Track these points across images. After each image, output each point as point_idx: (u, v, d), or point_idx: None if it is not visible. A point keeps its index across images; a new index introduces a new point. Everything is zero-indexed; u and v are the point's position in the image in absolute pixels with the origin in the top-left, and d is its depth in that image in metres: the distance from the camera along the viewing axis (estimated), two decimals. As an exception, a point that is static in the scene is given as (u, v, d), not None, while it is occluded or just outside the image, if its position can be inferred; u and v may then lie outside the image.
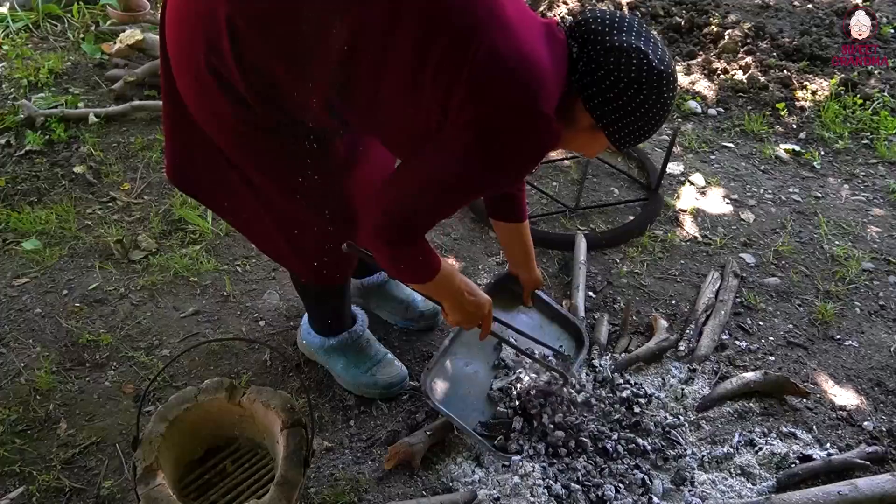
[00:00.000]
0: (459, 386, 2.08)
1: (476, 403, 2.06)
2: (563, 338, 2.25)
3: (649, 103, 1.44)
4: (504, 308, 2.19)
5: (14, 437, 2.01)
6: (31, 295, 2.45)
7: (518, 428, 1.97)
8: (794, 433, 2.14)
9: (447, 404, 1.98)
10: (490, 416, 2.03)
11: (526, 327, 2.15)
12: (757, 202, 3.13)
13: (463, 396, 2.06)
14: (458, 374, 2.10)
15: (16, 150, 3.08)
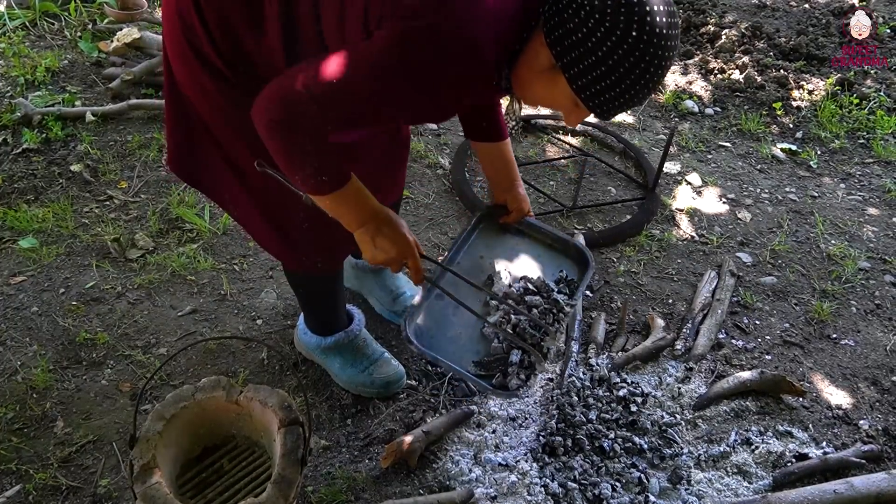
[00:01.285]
0: (448, 328, 1.84)
1: (469, 344, 1.83)
2: (564, 263, 1.99)
3: (621, 48, 1.22)
4: (495, 240, 2.00)
5: (10, 435, 2.00)
6: (28, 293, 2.44)
7: (516, 361, 1.76)
8: (791, 432, 2.15)
9: (435, 349, 1.77)
10: (484, 355, 1.80)
11: (524, 258, 1.97)
12: (754, 201, 3.14)
13: (453, 338, 1.83)
14: (446, 316, 1.86)
15: (12, 149, 3.08)
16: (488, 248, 1.98)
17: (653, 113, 3.76)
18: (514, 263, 1.96)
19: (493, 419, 2.14)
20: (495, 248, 1.98)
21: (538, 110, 3.67)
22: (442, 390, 2.20)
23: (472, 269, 1.92)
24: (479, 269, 1.93)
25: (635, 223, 2.90)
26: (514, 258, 1.97)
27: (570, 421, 2.07)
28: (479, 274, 1.91)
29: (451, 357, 1.76)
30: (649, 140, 3.51)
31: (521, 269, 1.95)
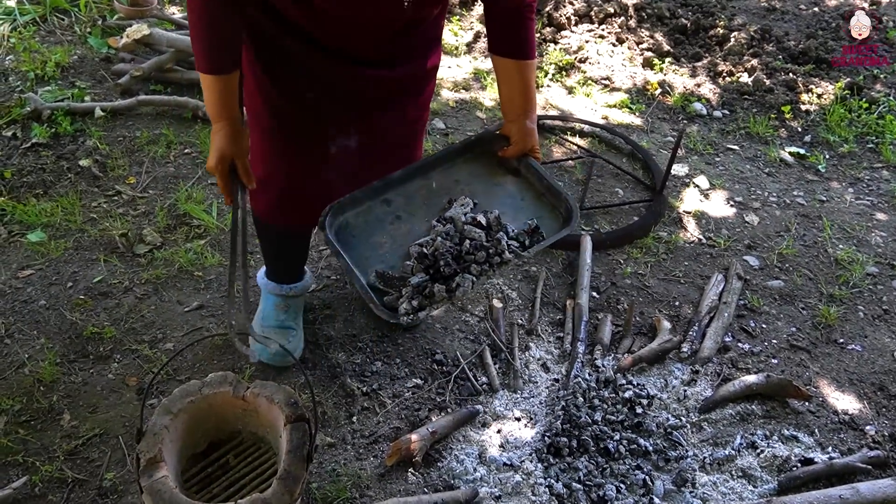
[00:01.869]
0: (376, 233, 1.69)
1: (386, 256, 1.66)
2: (544, 216, 1.74)
3: None
4: (482, 169, 1.80)
5: (17, 427, 2.01)
6: (36, 287, 2.45)
7: (413, 284, 1.56)
8: (796, 436, 2.14)
9: (350, 247, 1.65)
10: (389, 268, 1.63)
11: (503, 197, 1.76)
12: (761, 205, 3.13)
13: (375, 244, 1.67)
14: (381, 221, 1.71)
15: (22, 143, 3.09)
16: (470, 176, 1.79)
17: (661, 115, 3.75)
18: (489, 199, 1.74)
19: (499, 419, 2.14)
20: (478, 178, 1.79)
21: (546, 110, 3.67)
22: (448, 389, 2.20)
23: (439, 188, 1.75)
24: (446, 190, 1.74)
25: (642, 225, 2.90)
26: (492, 195, 1.76)
27: (575, 422, 2.07)
28: (442, 195, 1.74)
29: (360, 260, 1.63)
30: (657, 142, 3.51)
31: (493, 207, 1.72)
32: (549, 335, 2.44)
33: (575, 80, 3.95)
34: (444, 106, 3.63)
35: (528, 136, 1.76)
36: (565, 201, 1.73)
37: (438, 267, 1.56)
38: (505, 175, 1.79)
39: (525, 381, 2.26)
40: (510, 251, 1.59)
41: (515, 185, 1.79)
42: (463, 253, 1.58)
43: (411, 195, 1.73)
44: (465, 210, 1.68)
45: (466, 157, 1.80)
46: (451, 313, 2.47)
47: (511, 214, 1.71)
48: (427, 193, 1.73)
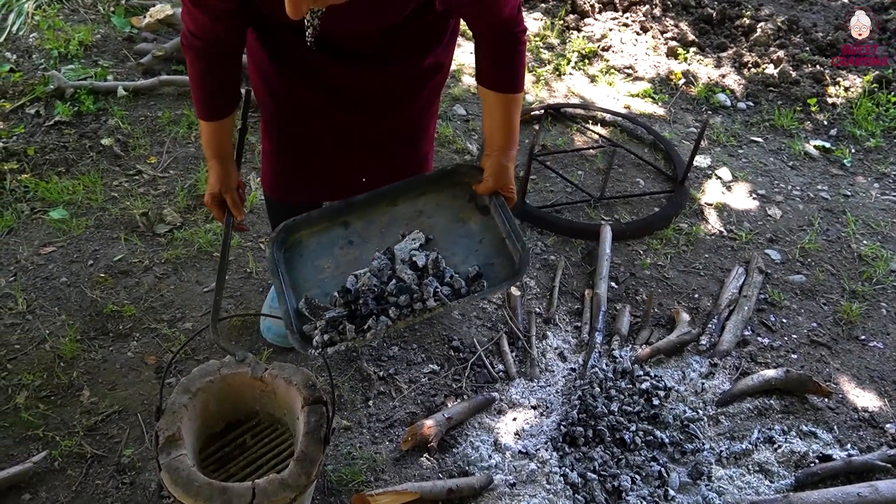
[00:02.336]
0: (323, 257, 1.64)
1: (325, 282, 1.61)
2: (498, 262, 1.62)
3: None
4: (449, 202, 1.71)
5: (38, 402, 2.03)
6: (58, 264, 2.47)
7: (328, 318, 1.49)
8: (815, 432, 2.12)
9: (293, 267, 1.62)
10: (318, 297, 1.57)
11: (460, 236, 1.66)
12: (784, 198, 3.09)
13: (318, 268, 1.63)
14: (332, 245, 1.66)
15: (45, 121, 3.11)
16: (437, 208, 1.70)
17: (684, 105, 3.71)
18: (445, 236, 1.65)
19: (515, 407, 2.13)
20: (443, 212, 1.70)
21: (568, 98, 3.64)
22: (464, 376, 2.20)
23: (401, 218, 1.69)
24: (406, 221, 1.67)
25: (663, 216, 2.88)
26: (450, 232, 1.66)
27: (591, 412, 2.07)
28: (401, 225, 1.68)
29: (299, 282, 1.60)
30: (679, 133, 3.47)
31: (448, 245, 1.64)
32: (566, 324, 2.43)
33: (597, 69, 3.91)
34: (466, 92, 3.61)
35: (502, 173, 1.66)
36: (520, 251, 1.59)
37: (358, 305, 1.50)
38: (472, 211, 1.70)
39: (542, 370, 2.25)
40: (436, 299, 1.49)
41: (479, 224, 1.68)
42: (385, 294, 1.51)
43: (371, 220, 1.68)
44: (412, 246, 1.61)
45: (439, 186, 1.72)
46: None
47: (462, 255, 1.62)
48: (388, 220, 1.68)
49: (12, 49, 3.56)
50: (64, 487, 1.84)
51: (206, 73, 1.63)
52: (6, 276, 2.41)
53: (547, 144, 3.27)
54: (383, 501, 1.82)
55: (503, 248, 1.63)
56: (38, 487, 1.84)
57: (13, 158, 2.88)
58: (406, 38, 1.65)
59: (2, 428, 1.96)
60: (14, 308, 2.30)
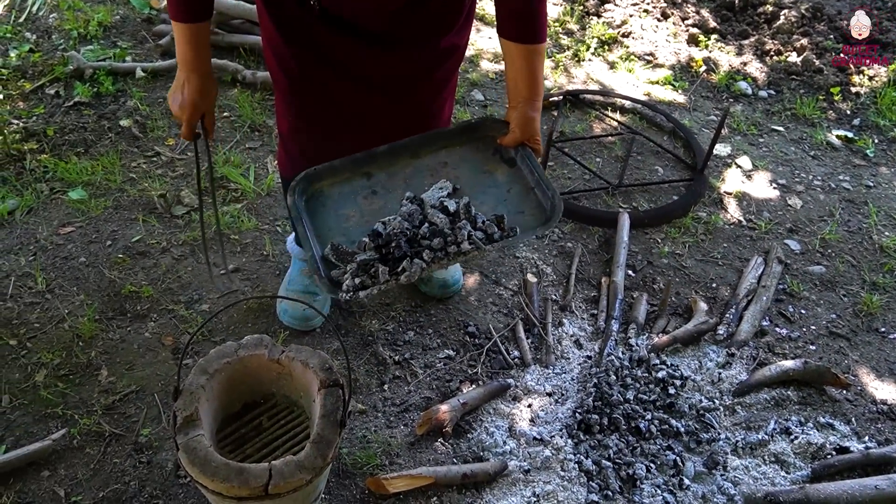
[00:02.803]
0: (347, 206, 1.63)
1: (350, 230, 1.59)
2: (528, 211, 1.62)
3: None
4: (474, 155, 1.70)
5: (57, 380, 2.05)
6: (77, 244, 2.48)
7: (359, 260, 1.48)
8: (832, 424, 2.11)
9: (317, 216, 1.60)
10: (346, 243, 1.55)
11: (488, 186, 1.66)
12: (805, 188, 3.06)
13: (342, 216, 1.61)
14: (356, 194, 1.65)
15: (64, 101, 3.12)
16: (461, 160, 1.69)
17: (704, 93, 3.67)
18: (473, 186, 1.65)
19: (530, 393, 2.13)
20: (468, 164, 1.69)
21: (587, 85, 3.61)
22: (479, 361, 2.20)
23: (424, 170, 1.67)
24: (431, 172, 1.66)
25: (682, 204, 2.85)
26: (477, 182, 1.65)
27: (607, 399, 2.06)
28: (425, 176, 1.66)
29: (323, 230, 1.57)
30: (699, 121, 3.44)
31: (475, 195, 1.63)
32: (582, 312, 2.42)
33: (617, 55, 3.87)
34: (484, 77, 3.59)
35: (528, 124, 1.64)
36: (552, 199, 1.59)
37: (390, 248, 1.48)
38: (498, 164, 1.69)
39: (557, 357, 2.25)
40: (470, 242, 1.48)
41: (506, 175, 1.67)
42: (418, 237, 1.50)
43: (394, 172, 1.66)
44: (440, 193, 1.61)
45: (462, 140, 1.70)
46: (484, 286, 2.46)
47: (491, 205, 1.62)
48: (411, 172, 1.66)
49: (32, 29, 3.57)
50: (82, 465, 1.86)
51: None
52: (26, 255, 2.42)
53: (565, 131, 3.24)
54: (398, 485, 1.82)
55: (532, 197, 1.62)
56: (57, 465, 1.86)
57: (33, 139, 2.90)
58: (420, 18, 1.64)
59: (21, 405, 1.99)
60: (34, 287, 2.32)
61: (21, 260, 2.40)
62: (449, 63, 1.82)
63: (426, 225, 1.51)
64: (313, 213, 1.60)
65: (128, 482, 1.84)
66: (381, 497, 1.84)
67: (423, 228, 1.50)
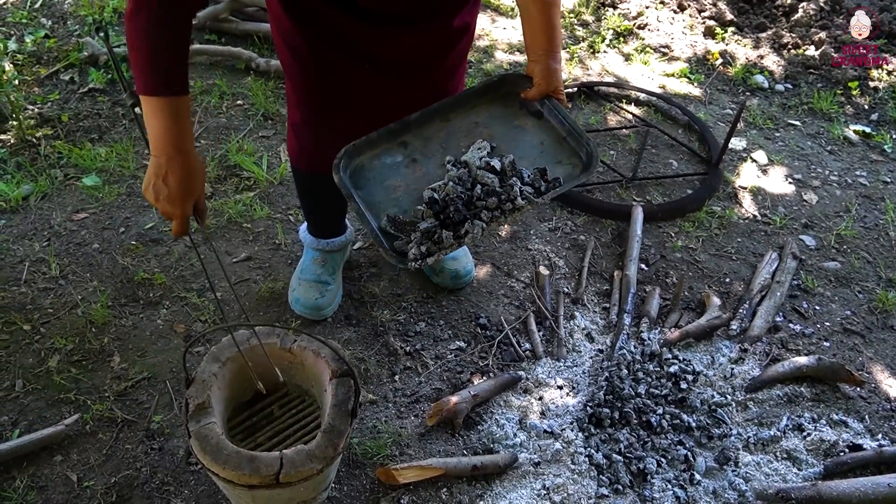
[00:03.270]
0: (391, 177, 1.63)
1: (400, 200, 1.59)
2: (565, 160, 1.64)
3: None
4: (503, 111, 1.71)
5: (70, 366, 2.06)
6: (90, 230, 2.49)
7: (423, 229, 1.48)
8: (845, 421, 2.09)
9: (364, 190, 1.59)
10: (401, 213, 1.56)
11: (522, 140, 1.67)
12: (821, 183, 3.03)
13: (389, 188, 1.61)
14: (397, 164, 1.65)
15: (79, 87, 3.12)
16: (491, 118, 1.71)
17: (720, 86, 3.64)
18: (508, 142, 1.67)
19: (541, 386, 2.12)
20: (498, 121, 1.70)
21: (602, 77, 3.58)
22: (490, 353, 2.19)
23: (458, 132, 1.68)
24: (465, 132, 1.67)
25: (696, 198, 2.83)
26: (511, 138, 1.68)
27: (618, 393, 2.05)
28: (460, 137, 1.67)
29: (373, 204, 1.57)
30: (715, 114, 3.41)
31: (512, 151, 1.65)
32: (594, 305, 2.41)
33: (633, 47, 3.84)
34: (498, 68, 3.57)
35: (552, 76, 1.62)
36: (586, 146, 1.61)
37: (448, 212, 1.49)
38: (527, 117, 1.70)
39: (569, 350, 2.24)
40: (523, 197, 1.51)
41: (536, 128, 1.68)
42: (474, 199, 1.52)
43: (429, 137, 1.66)
44: (481, 154, 1.62)
45: (488, 98, 1.71)
46: (496, 278, 2.45)
47: (529, 159, 1.64)
48: (445, 136, 1.67)
49: (48, 15, 3.58)
50: (95, 451, 1.87)
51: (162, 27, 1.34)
52: (40, 241, 2.43)
53: (580, 123, 3.22)
54: (408, 476, 1.82)
55: (567, 146, 1.65)
56: (70, 449, 1.87)
57: (48, 124, 2.91)
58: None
59: (35, 390, 2.00)
60: (47, 273, 2.33)
61: (35, 245, 2.42)
62: (461, 43, 1.82)
63: (478, 186, 1.54)
64: (360, 188, 1.60)
65: (139, 468, 1.85)
66: (390, 487, 1.84)
67: (477, 190, 1.53)
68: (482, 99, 1.72)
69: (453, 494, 1.84)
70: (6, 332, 2.14)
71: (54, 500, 1.77)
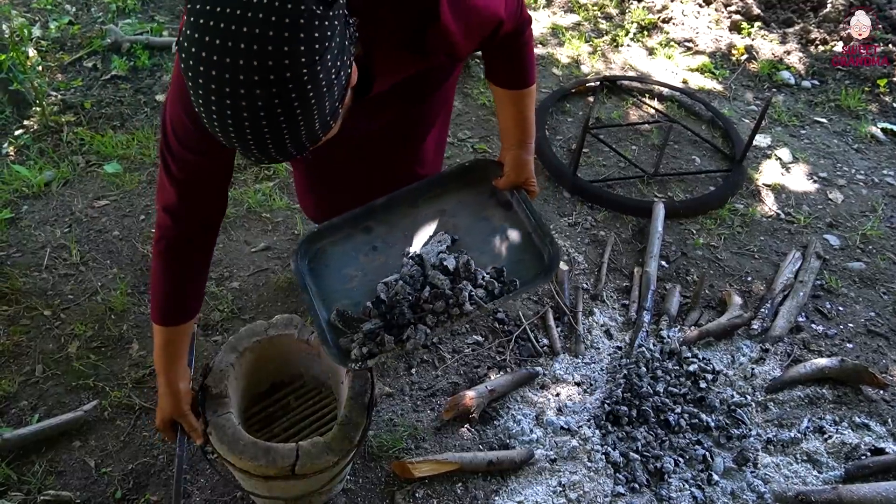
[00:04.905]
0: (349, 265, 1.56)
1: (354, 291, 1.53)
2: (527, 258, 1.55)
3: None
4: (471, 198, 1.63)
5: (89, 352, 2.07)
6: (111, 217, 2.50)
7: (366, 330, 1.41)
8: (868, 424, 2.06)
9: (320, 278, 1.54)
10: (350, 309, 1.48)
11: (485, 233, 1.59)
12: (847, 182, 2.98)
13: (345, 277, 1.55)
14: (357, 251, 1.58)
15: (102, 74, 3.13)
16: (459, 205, 1.63)
17: (745, 82, 3.58)
18: (471, 234, 1.59)
19: (558, 382, 2.11)
20: (465, 209, 1.62)
21: (625, 71, 3.55)
22: (508, 349, 2.18)
23: (423, 220, 1.61)
24: (429, 222, 1.60)
25: (719, 195, 2.79)
26: (476, 230, 1.60)
27: (636, 391, 2.03)
28: (422, 228, 1.60)
29: (328, 293, 1.52)
30: (739, 110, 3.36)
31: (475, 244, 1.58)
32: (613, 302, 2.38)
33: (656, 41, 3.79)
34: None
35: (522, 167, 1.58)
36: (549, 246, 1.52)
37: (394, 314, 1.43)
38: (495, 208, 1.61)
39: (587, 347, 2.22)
40: (472, 302, 1.43)
41: (504, 220, 1.60)
42: (421, 301, 1.45)
43: (394, 224, 1.60)
44: (439, 248, 1.55)
45: (459, 184, 1.63)
46: (515, 272, 2.44)
47: (491, 254, 1.56)
48: (411, 223, 1.60)
49: (72, 2, 3.59)
50: (112, 437, 1.88)
51: (175, 264, 1.41)
52: (61, 227, 2.45)
53: (601, 117, 3.19)
54: (423, 469, 1.82)
55: (531, 243, 1.56)
56: (88, 435, 1.88)
57: (70, 111, 2.92)
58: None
59: (55, 376, 2.01)
60: (68, 259, 2.34)
61: (56, 231, 2.43)
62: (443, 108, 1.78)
63: (428, 288, 1.47)
64: (317, 276, 1.56)
65: (156, 456, 1.85)
66: (406, 481, 1.84)
67: (426, 292, 1.46)
68: (453, 184, 1.64)
69: (468, 489, 1.84)
70: (27, 317, 2.16)
71: (72, 486, 1.78)
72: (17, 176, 2.58)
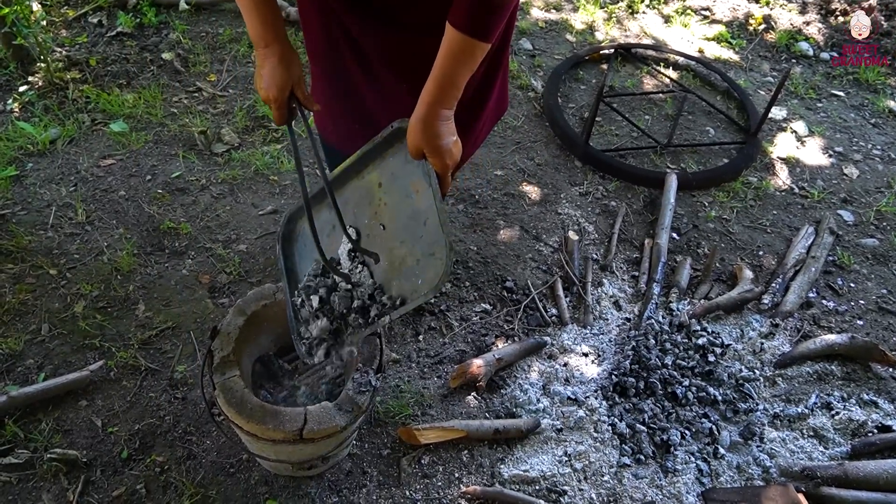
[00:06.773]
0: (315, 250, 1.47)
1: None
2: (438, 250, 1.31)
3: None
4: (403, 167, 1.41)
5: (95, 312, 2.06)
6: (117, 177, 2.47)
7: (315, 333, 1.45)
8: (876, 402, 2.05)
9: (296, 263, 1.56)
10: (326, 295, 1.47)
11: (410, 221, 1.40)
12: (863, 157, 2.93)
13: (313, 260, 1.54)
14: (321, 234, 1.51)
15: (107, 31, 3.08)
16: (392, 178, 1.45)
17: (762, 52, 3.52)
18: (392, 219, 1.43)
19: (566, 352, 2.10)
20: (396, 182, 1.43)
21: (640, 39, 3.48)
22: (516, 317, 2.17)
23: (365, 194, 1.49)
24: (368, 198, 1.48)
25: (732, 168, 2.75)
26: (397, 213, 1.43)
27: (644, 363, 2.02)
28: (364, 205, 1.49)
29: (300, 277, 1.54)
30: (755, 81, 3.30)
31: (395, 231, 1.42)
32: (623, 273, 2.36)
33: (673, 9, 3.72)
34: (533, 26, 3.47)
35: (418, 132, 1.30)
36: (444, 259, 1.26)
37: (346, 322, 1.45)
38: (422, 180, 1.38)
39: (596, 318, 2.20)
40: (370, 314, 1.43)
41: (426, 199, 1.36)
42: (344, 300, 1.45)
43: (347, 199, 1.51)
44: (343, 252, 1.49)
45: (394, 150, 1.44)
46: (524, 241, 2.41)
47: (409, 245, 1.38)
48: (357, 198, 1.50)
49: (77, -44, 3.52)
50: (119, 397, 1.88)
51: None
52: (67, 185, 2.42)
53: (615, 86, 3.14)
54: (430, 436, 1.82)
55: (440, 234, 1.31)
56: (95, 395, 1.88)
57: (75, 68, 2.87)
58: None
59: (60, 335, 2.00)
60: (74, 218, 2.32)
61: (62, 190, 2.40)
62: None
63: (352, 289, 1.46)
64: (294, 259, 1.58)
65: (163, 416, 1.85)
66: (412, 447, 1.83)
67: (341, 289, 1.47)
68: (389, 150, 1.46)
69: (474, 457, 1.83)
70: (33, 275, 2.14)
71: (79, 444, 1.78)
72: (21, 133, 2.55)
